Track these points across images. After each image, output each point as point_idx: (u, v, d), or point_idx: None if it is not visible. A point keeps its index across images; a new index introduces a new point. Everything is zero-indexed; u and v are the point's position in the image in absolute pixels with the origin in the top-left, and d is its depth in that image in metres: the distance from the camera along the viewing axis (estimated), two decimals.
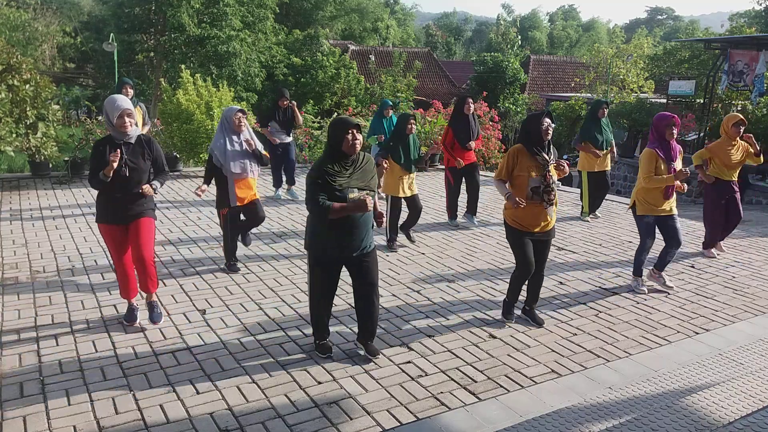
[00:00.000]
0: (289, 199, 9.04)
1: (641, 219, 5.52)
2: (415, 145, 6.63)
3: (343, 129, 3.76)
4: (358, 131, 3.77)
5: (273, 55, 29.79)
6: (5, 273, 5.61)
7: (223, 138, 5.51)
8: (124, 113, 4.19)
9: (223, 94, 10.92)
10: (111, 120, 4.22)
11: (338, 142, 3.77)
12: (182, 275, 5.67)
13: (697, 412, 3.47)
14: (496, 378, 3.91)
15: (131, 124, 4.24)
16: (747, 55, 17.09)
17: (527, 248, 4.54)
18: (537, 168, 4.44)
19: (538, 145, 4.45)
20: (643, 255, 5.59)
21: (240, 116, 5.53)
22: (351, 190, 3.76)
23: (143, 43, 26.38)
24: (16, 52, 9.86)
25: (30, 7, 28.16)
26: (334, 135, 3.80)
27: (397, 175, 6.53)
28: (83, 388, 3.65)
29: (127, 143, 4.28)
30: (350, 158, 3.82)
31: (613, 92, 25.37)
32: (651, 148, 5.38)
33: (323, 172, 3.75)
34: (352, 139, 3.74)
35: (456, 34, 71.51)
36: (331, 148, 3.82)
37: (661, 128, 5.33)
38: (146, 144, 4.38)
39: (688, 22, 75.52)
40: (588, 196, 8.34)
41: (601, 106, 8.12)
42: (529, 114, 4.88)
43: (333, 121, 3.92)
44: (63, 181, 9.78)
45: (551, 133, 4.46)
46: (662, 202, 5.41)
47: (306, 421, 3.38)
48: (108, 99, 4.31)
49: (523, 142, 4.51)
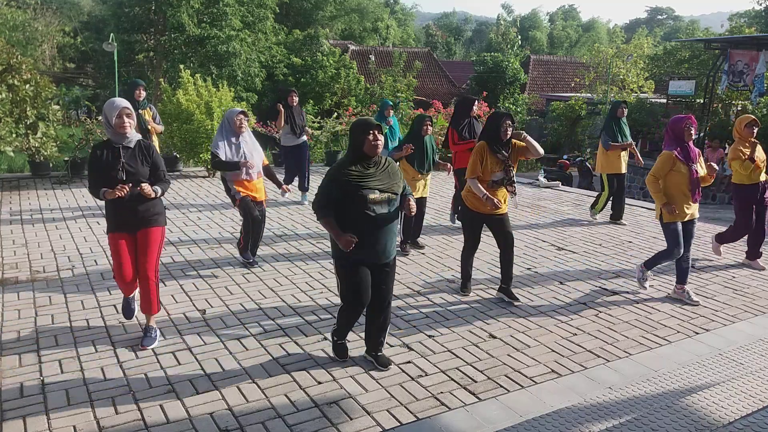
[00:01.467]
0: (292, 201, 9.02)
1: (668, 227, 5.31)
2: (430, 146, 6.55)
3: (364, 130, 3.73)
4: (379, 132, 3.74)
5: (273, 55, 29.79)
6: (5, 273, 5.61)
7: (222, 139, 5.53)
8: (123, 112, 4.02)
9: (223, 94, 10.93)
10: (109, 121, 4.04)
11: (359, 143, 3.74)
12: (182, 275, 5.67)
13: (697, 412, 3.47)
14: (496, 378, 3.91)
15: (130, 126, 4.07)
16: (747, 55, 17.10)
17: (479, 229, 5.27)
18: (498, 164, 5.02)
19: (497, 143, 5.00)
20: (663, 259, 5.43)
21: (242, 118, 5.55)
22: (372, 191, 3.71)
23: (143, 43, 26.37)
24: (16, 52, 9.87)
25: (30, 7, 28.16)
26: (355, 136, 3.77)
27: (410, 176, 6.47)
28: (83, 388, 3.65)
29: (125, 147, 4.09)
30: (372, 159, 3.77)
31: (613, 92, 25.37)
32: (669, 150, 5.22)
33: (343, 173, 3.72)
34: (374, 140, 3.70)
35: (456, 34, 71.49)
36: (353, 149, 3.79)
37: (679, 130, 5.18)
38: (145, 149, 4.19)
39: (688, 22, 75.49)
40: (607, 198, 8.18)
41: (620, 106, 8.07)
42: (492, 113, 5.23)
43: (354, 123, 3.89)
44: (63, 181, 9.78)
45: (510, 133, 4.99)
46: (685, 208, 5.24)
47: (306, 421, 3.38)
48: (107, 101, 4.16)
49: (486, 140, 5.04)
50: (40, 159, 9.94)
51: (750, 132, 6.24)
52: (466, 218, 5.28)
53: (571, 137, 24.93)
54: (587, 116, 24.75)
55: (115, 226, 4.18)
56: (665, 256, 5.42)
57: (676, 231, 5.26)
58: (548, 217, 8.49)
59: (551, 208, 9.14)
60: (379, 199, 3.72)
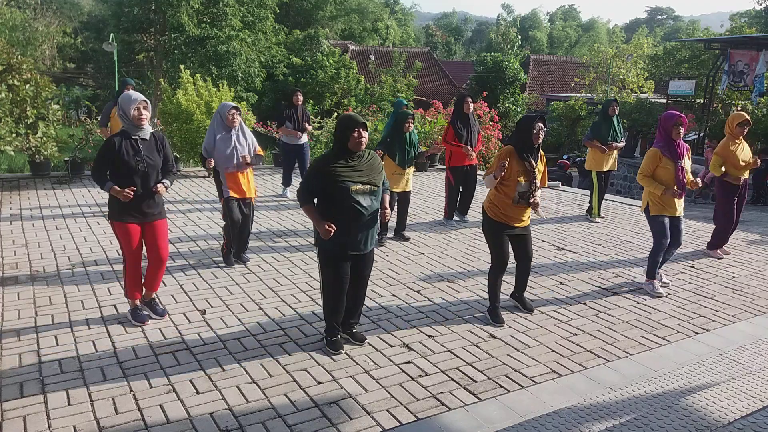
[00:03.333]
0: (293, 201, 9.03)
1: (655, 219, 5.43)
2: (412, 142, 6.76)
3: (350, 127, 3.89)
4: (364, 129, 3.91)
5: (273, 55, 29.79)
6: (5, 273, 5.61)
7: (213, 133, 5.63)
8: (140, 105, 4.24)
9: (223, 94, 10.93)
10: (128, 113, 4.24)
11: (345, 138, 3.91)
12: (182, 275, 5.67)
13: (697, 412, 3.47)
14: (496, 378, 3.91)
15: (147, 117, 4.29)
16: (747, 55, 17.11)
17: (505, 243, 4.72)
18: (525, 173, 4.53)
19: (528, 149, 4.53)
20: (658, 256, 5.48)
21: (234, 113, 5.65)
22: (354, 183, 3.89)
23: (143, 43, 26.37)
24: (16, 52, 9.88)
25: (30, 7, 28.17)
26: (341, 132, 3.93)
27: (392, 170, 6.69)
28: (83, 388, 3.65)
29: (143, 139, 4.33)
30: (355, 154, 3.95)
31: (613, 92, 25.38)
32: (656, 147, 5.36)
33: (327, 165, 3.90)
34: (358, 137, 3.88)
35: (456, 34, 71.48)
36: (338, 143, 3.96)
37: (668, 127, 5.30)
38: (160, 141, 4.47)
39: (688, 22, 75.54)
40: (599, 196, 8.27)
41: (611, 105, 8.14)
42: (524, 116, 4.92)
43: (341, 118, 4.03)
44: (63, 181, 9.78)
45: (542, 137, 4.51)
46: (675, 203, 5.37)
47: (306, 421, 3.38)
48: (122, 95, 4.36)
49: (514, 145, 4.59)
50: (40, 159, 9.93)
51: (741, 131, 6.31)
52: (490, 231, 4.74)
53: (571, 137, 24.95)
54: (587, 116, 24.77)
55: (122, 217, 4.38)
56: (655, 252, 5.50)
57: (663, 224, 5.40)
58: (548, 217, 8.49)
59: (551, 208, 9.14)
60: (361, 191, 3.92)
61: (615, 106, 8.15)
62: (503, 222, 4.65)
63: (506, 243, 4.70)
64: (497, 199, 4.64)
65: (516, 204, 4.56)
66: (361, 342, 4.30)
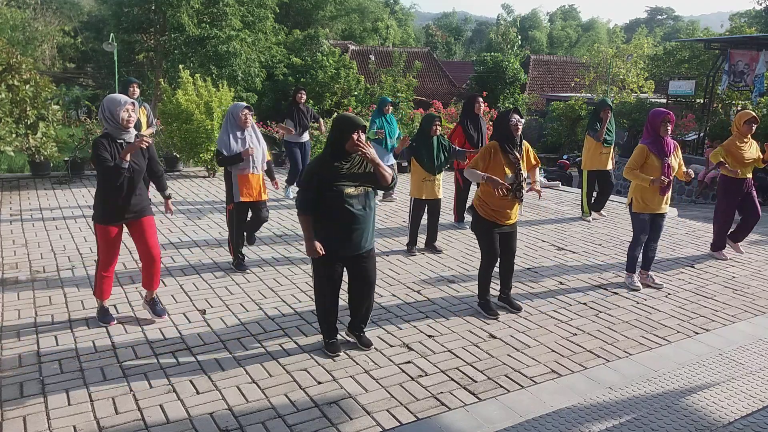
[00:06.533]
0: (293, 201, 9.03)
1: (637, 216, 5.56)
2: (441, 146, 6.38)
3: (350, 129, 3.77)
4: (363, 132, 3.82)
5: (273, 55, 29.77)
6: (5, 273, 5.61)
7: (227, 134, 5.55)
8: (129, 107, 4.15)
9: (223, 94, 10.91)
10: (115, 115, 4.13)
11: (343, 140, 3.80)
12: (182, 275, 5.67)
13: (697, 412, 3.47)
14: (496, 378, 3.91)
15: (135, 120, 4.23)
16: (747, 55, 17.12)
17: (495, 239, 4.86)
18: (510, 165, 4.69)
19: (510, 142, 4.70)
20: (636, 250, 5.64)
21: (246, 113, 5.58)
22: (349, 186, 3.83)
23: (143, 43, 26.36)
24: (16, 52, 9.87)
25: (30, 7, 28.17)
26: (339, 133, 3.82)
27: (420, 176, 6.38)
28: (83, 388, 3.65)
29: (127, 142, 4.23)
30: (350, 156, 3.86)
31: (613, 92, 25.38)
32: (644, 143, 5.41)
33: (322, 167, 3.83)
34: (357, 140, 3.76)
35: (456, 34, 71.47)
36: (334, 144, 3.85)
37: (656, 124, 5.35)
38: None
39: (688, 22, 75.53)
40: (587, 195, 8.33)
41: (603, 108, 8.08)
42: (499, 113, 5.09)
43: (339, 119, 3.91)
44: (63, 181, 9.78)
45: (521, 128, 4.70)
46: (658, 201, 5.44)
47: (306, 421, 3.38)
48: (108, 97, 4.27)
49: (497, 140, 4.77)
50: (40, 159, 9.93)
51: (749, 129, 6.28)
52: (479, 228, 4.89)
53: (571, 137, 24.92)
54: (587, 116, 24.76)
55: (108, 217, 4.34)
56: (632, 246, 5.65)
57: (645, 221, 5.52)
58: (548, 217, 8.49)
59: (551, 208, 9.14)
60: (356, 193, 3.85)
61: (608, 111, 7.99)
62: (493, 220, 4.79)
63: (496, 239, 4.87)
64: (486, 194, 4.77)
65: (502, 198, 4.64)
66: (367, 347, 4.21)
